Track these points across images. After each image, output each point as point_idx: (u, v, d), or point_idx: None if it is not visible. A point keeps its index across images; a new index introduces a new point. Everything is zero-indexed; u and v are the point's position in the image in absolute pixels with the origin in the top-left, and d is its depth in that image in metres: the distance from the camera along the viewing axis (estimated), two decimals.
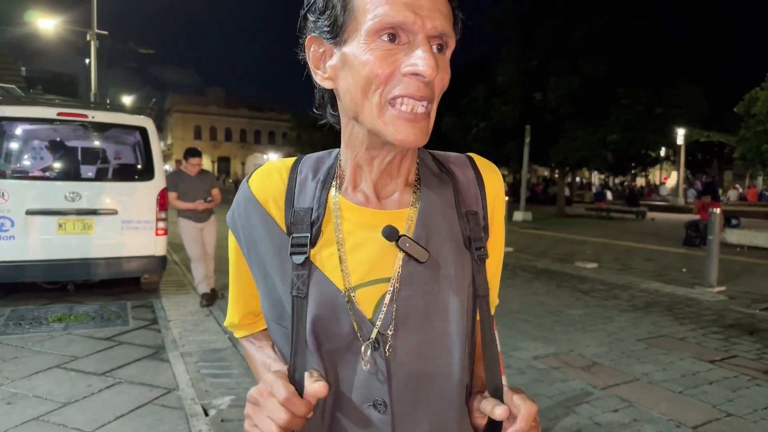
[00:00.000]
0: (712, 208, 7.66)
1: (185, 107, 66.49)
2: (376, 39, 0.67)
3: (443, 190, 0.80)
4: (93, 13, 16.13)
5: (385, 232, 0.72)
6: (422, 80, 0.67)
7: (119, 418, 3.14)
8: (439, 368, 0.75)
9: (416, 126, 0.69)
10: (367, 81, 0.68)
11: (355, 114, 0.72)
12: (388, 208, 0.78)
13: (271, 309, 0.79)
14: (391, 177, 0.78)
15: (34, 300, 5.69)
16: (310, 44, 0.75)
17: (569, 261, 9.78)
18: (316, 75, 0.76)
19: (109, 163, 6.99)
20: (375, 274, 0.75)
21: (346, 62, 0.70)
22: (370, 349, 0.73)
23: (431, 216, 0.77)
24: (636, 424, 3.31)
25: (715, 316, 6.06)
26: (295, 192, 0.79)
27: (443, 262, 0.76)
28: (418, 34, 0.67)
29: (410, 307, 0.74)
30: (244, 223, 0.80)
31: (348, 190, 0.79)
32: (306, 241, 0.74)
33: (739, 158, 15.94)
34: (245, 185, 0.82)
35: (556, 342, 4.92)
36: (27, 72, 19.23)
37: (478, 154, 0.89)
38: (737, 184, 37.83)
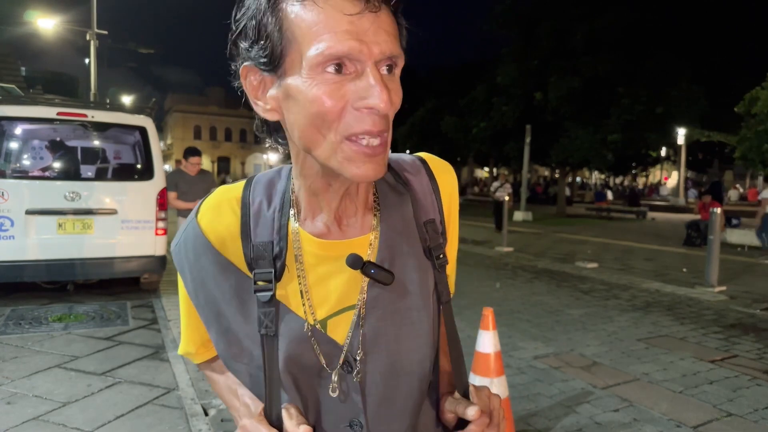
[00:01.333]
0: (713, 207, 7.65)
1: (185, 107, 66.50)
2: (322, 71, 0.61)
3: (402, 206, 0.79)
4: (93, 13, 16.14)
5: (349, 261, 0.71)
6: (377, 113, 0.62)
7: (119, 418, 3.14)
8: (411, 382, 0.76)
9: (375, 160, 0.65)
10: (317, 118, 0.63)
11: (307, 149, 0.67)
12: (350, 236, 0.75)
13: (227, 348, 0.77)
14: (350, 202, 0.75)
15: (34, 300, 5.69)
16: (246, 74, 0.69)
17: (570, 261, 9.77)
18: (257, 106, 0.70)
19: (109, 163, 6.98)
20: (344, 303, 0.74)
21: (290, 96, 0.64)
22: (339, 374, 0.73)
23: (393, 236, 0.76)
24: (636, 423, 3.31)
25: (716, 315, 6.05)
26: (251, 225, 0.75)
27: (408, 279, 0.76)
28: (366, 61, 0.61)
29: (379, 330, 0.74)
30: (193, 263, 0.77)
31: (307, 221, 0.75)
32: (270, 278, 0.72)
33: (740, 158, 15.92)
34: (194, 222, 0.77)
35: (557, 342, 4.92)
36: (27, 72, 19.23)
37: (427, 153, 0.88)
38: (738, 184, 37.82)
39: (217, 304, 0.76)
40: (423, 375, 0.77)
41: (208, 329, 0.79)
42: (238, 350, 0.76)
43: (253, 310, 0.73)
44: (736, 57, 25.68)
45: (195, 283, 0.77)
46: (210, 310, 0.77)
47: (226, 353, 0.77)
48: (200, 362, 0.89)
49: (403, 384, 0.76)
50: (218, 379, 0.86)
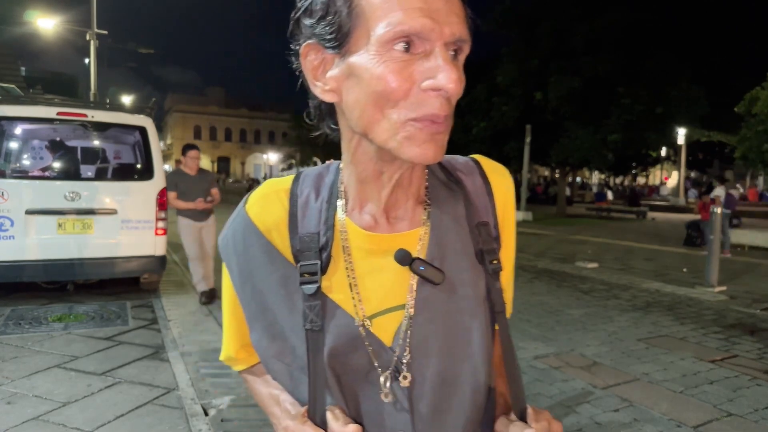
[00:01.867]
0: (713, 207, 7.65)
1: (185, 107, 66.53)
2: (390, 49, 0.60)
3: (454, 203, 0.76)
4: (93, 13, 16.14)
5: (398, 257, 0.69)
6: (445, 95, 0.61)
7: (119, 418, 3.13)
8: (464, 394, 0.72)
9: (436, 140, 0.63)
10: (381, 97, 0.61)
11: (364, 131, 0.64)
12: (399, 230, 0.72)
13: (269, 345, 0.74)
14: (400, 193, 0.72)
15: (33, 300, 5.69)
16: (307, 52, 0.67)
17: (570, 261, 9.77)
18: (315, 87, 0.68)
19: (109, 163, 6.98)
20: (391, 302, 0.71)
21: (354, 74, 0.62)
22: (390, 379, 0.69)
23: (444, 233, 0.73)
24: (636, 423, 3.31)
25: (716, 315, 6.05)
26: (298, 216, 0.73)
27: (459, 281, 0.72)
28: (436, 41, 0.60)
29: (429, 333, 0.70)
30: (242, 254, 0.75)
31: (355, 212, 0.73)
32: (316, 269, 0.69)
33: (740, 158, 15.92)
34: (243, 213, 0.75)
35: (557, 342, 4.92)
36: (27, 72, 19.22)
37: (481, 155, 0.84)
38: (738, 183, 37.81)
39: (263, 297, 0.73)
40: (476, 386, 0.72)
41: (252, 326, 0.75)
42: (281, 347, 0.73)
43: (299, 303, 0.70)
44: (736, 57, 25.70)
45: (243, 275, 0.75)
46: (256, 303, 0.74)
47: (269, 351, 0.74)
48: (242, 368, 0.85)
49: (454, 395, 0.71)
50: (259, 386, 0.82)
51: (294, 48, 0.70)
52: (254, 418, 3.19)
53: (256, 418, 3.20)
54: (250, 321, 0.76)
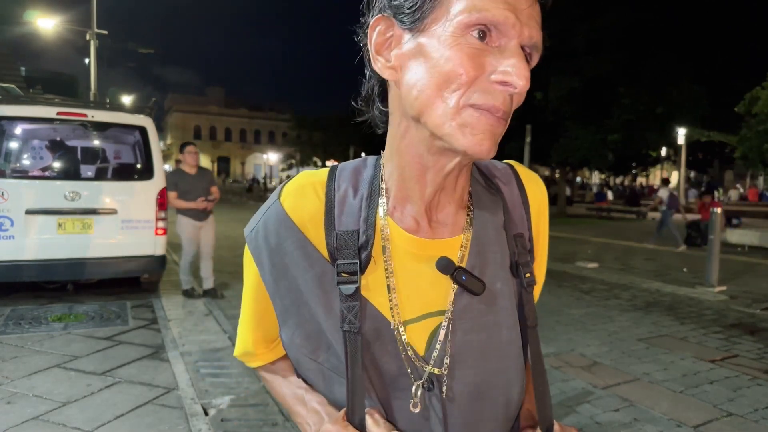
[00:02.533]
0: (713, 207, 7.65)
1: (185, 107, 66.56)
2: (466, 34, 0.58)
3: (494, 211, 0.74)
4: (93, 13, 16.15)
5: (440, 266, 0.67)
6: (511, 91, 0.60)
7: (119, 418, 3.13)
8: (496, 408, 0.70)
9: (491, 134, 0.61)
10: (446, 78, 0.59)
11: (419, 112, 0.62)
12: (441, 236, 0.70)
13: (303, 343, 0.71)
14: (444, 195, 0.70)
15: (33, 299, 5.68)
16: (377, 25, 0.65)
17: (570, 261, 9.77)
18: (377, 61, 0.65)
19: (109, 163, 6.97)
20: (427, 308, 0.69)
21: (422, 53, 0.61)
22: (423, 389, 0.67)
23: (485, 242, 0.71)
24: (637, 423, 3.30)
25: (716, 315, 6.05)
26: (335, 212, 0.70)
27: (498, 293, 0.71)
28: (513, 39, 0.59)
29: (465, 343, 0.68)
30: (275, 248, 0.71)
31: (396, 212, 0.70)
32: (355, 269, 0.67)
33: (740, 158, 15.94)
34: (278, 204, 0.72)
35: (557, 341, 4.91)
36: (27, 72, 19.24)
37: (516, 161, 0.83)
38: (738, 183, 37.81)
39: (299, 293, 0.70)
40: (509, 401, 0.71)
41: (284, 323, 0.72)
42: (315, 346, 0.70)
43: (335, 303, 0.68)
44: (737, 57, 25.70)
45: (276, 269, 0.71)
46: (291, 300, 0.71)
47: (304, 349, 0.71)
48: (258, 365, 0.82)
49: (487, 409, 0.69)
50: (281, 384, 0.79)
51: (364, 20, 0.68)
52: (254, 418, 3.19)
53: (256, 418, 3.20)
54: (282, 317, 0.73)
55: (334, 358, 0.69)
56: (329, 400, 0.72)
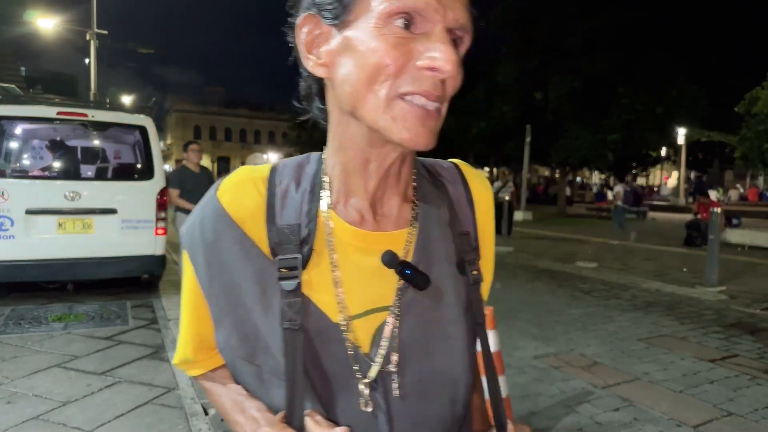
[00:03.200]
0: (713, 207, 7.66)
1: (185, 107, 66.56)
2: (389, 23, 0.58)
3: (440, 206, 0.73)
4: (93, 13, 16.15)
5: (385, 259, 0.65)
6: (439, 77, 0.59)
7: (119, 418, 3.13)
8: (443, 406, 0.69)
9: (427, 126, 0.60)
10: (374, 70, 0.58)
11: (353, 107, 0.62)
12: (385, 229, 0.69)
13: (239, 345, 0.67)
14: (388, 187, 0.69)
15: (33, 299, 5.68)
16: (304, 24, 0.64)
17: (570, 261, 9.77)
18: (308, 60, 0.65)
19: (109, 163, 6.97)
20: (372, 303, 0.67)
21: (349, 47, 0.60)
22: (369, 385, 0.65)
23: (430, 237, 0.70)
24: (637, 423, 3.30)
25: (716, 315, 6.05)
26: (277, 207, 0.68)
27: (444, 288, 0.70)
28: (438, 24, 0.58)
29: (411, 340, 0.67)
30: (211, 245, 0.68)
31: (339, 205, 0.69)
32: (296, 264, 0.64)
33: (740, 158, 15.93)
34: (215, 200, 0.69)
35: (557, 341, 4.91)
36: (27, 72, 19.25)
37: (461, 161, 0.82)
38: (738, 183, 37.81)
39: (235, 292, 0.67)
40: (455, 399, 0.70)
41: (219, 324, 0.69)
42: (253, 348, 0.67)
43: (274, 300, 0.65)
44: (736, 57, 25.71)
45: (211, 267, 0.68)
46: (226, 299, 0.68)
47: (240, 351, 0.68)
48: (200, 373, 0.77)
49: (433, 406, 0.68)
50: (220, 392, 0.75)
51: (292, 21, 0.67)
52: None
53: None
54: (217, 318, 0.69)
55: (272, 360, 0.66)
56: (268, 406, 0.68)
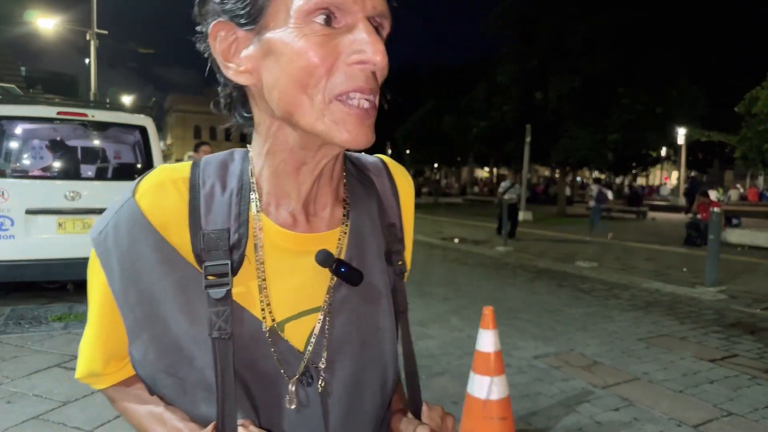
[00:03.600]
0: (713, 207, 7.66)
1: (185, 107, 66.57)
2: (310, 22, 0.56)
3: (369, 202, 0.74)
4: (93, 13, 16.15)
5: (320, 258, 0.64)
6: (371, 69, 0.58)
7: (118, 417, 3.13)
8: (375, 396, 0.70)
9: (366, 124, 0.59)
10: (303, 73, 0.57)
11: (287, 113, 0.60)
12: (318, 230, 0.68)
13: (159, 358, 0.64)
14: (321, 189, 0.68)
15: (33, 299, 5.69)
16: (216, 32, 0.61)
17: (570, 260, 9.77)
18: (228, 69, 0.62)
19: (109, 163, 6.97)
20: (306, 304, 0.67)
21: (272, 51, 0.58)
22: (303, 385, 0.65)
23: (362, 234, 0.71)
24: (637, 423, 3.31)
25: (716, 315, 6.05)
26: (201, 210, 0.64)
27: (376, 282, 0.70)
28: (358, 14, 0.57)
29: (345, 335, 0.67)
30: (126, 252, 0.63)
31: (270, 208, 0.67)
32: (226, 270, 0.62)
33: (740, 158, 15.92)
34: (132, 203, 0.64)
35: (557, 341, 4.92)
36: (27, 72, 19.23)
37: (385, 156, 0.84)
38: (738, 183, 37.82)
39: (154, 303, 0.63)
40: (385, 386, 0.72)
41: (136, 338, 0.65)
42: (174, 360, 0.63)
43: (201, 310, 0.62)
44: (736, 56, 25.70)
45: (126, 276, 0.63)
46: (143, 311, 0.63)
47: (160, 364, 0.64)
48: (107, 386, 0.73)
49: (367, 397, 0.69)
50: (134, 404, 0.70)
51: (201, 30, 0.64)
52: None
53: None
54: (132, 331, 0.65)
55: (196, 373, 0.63)
56: (193, 417, 0.66)
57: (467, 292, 6.96)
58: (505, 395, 2.76)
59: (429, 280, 7.63)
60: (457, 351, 4.56)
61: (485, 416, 2.72)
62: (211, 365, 0.61)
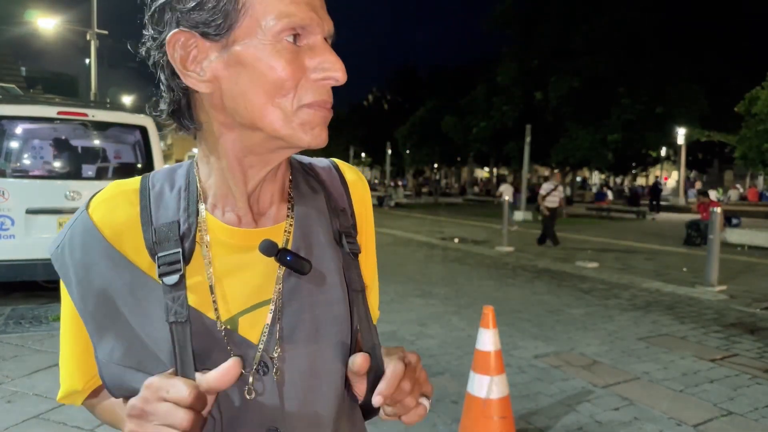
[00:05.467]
0: (713, 207, 7.66)
1: None
2: (281, 40, 0.61)
3: (316, 194, 0.77)
4: (93, 13, 16.15)
5: (263, 247, 0.65)
6: (333, 84, 0.65)
7: None
8: (333, 381, 0.71)
9: (325, 128, 0.66)
10: (274, 86, 0.61)
11: (252, 121, 0.63)
12: (263, 226, 0.71)
13: (126, 354, 0.66)
14: (266, 188, 0.72)
15: (34, 299, 5.69)
16: (176, 40, 0.62)
17: (570, 260, 9.77)
18: (187, 77, 0.63)
19: (110, 162, 6.97)
20: (257, 298, 0.69)
21: (240, 63, 0.62)
22: (259, 374, 0.66)
23: (309, 224, 0.73)
24: (637, 422, 3.31)
25: (716, 315, 6.05)
26: (152, 208, 0.68)
27: (326, 270, 0.72)
28: (318, 35, 0.64)
29: (298, 323, 0.69)
30: (79, 262, 0.67)
31: (216, 210, 0.70)
32: (177, 258, 0.64)
33: (740, 158, 15.94)
34: (85, 216, 0.68)
35: (557, 341, 4.92)
36: (27, 72, 19.25)
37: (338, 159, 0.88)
38: (738, 183, 37.83)
39: (111, 304, 0.66)
40: (344, 372, 0.72)
41: (101, 339, 0.67)
42: (141, 356, 0.65)
43: (154, 306, 0.64)
44: (736, 56, 25.68)
45: (82, 286, 0.67)
46: (102, 313, 0.66)
47: (127, 361, 0.66)
48: (85, 398, 0.75)
49: (324, 384, 0.70)
50: (108, 402, 0.73)
51: (153, 35, 0.65)
52: None
53: None
54: (98, 334, 0.67)
55: (163, 366, 0.64)
56: None
57: (467, 292, 6.96)
58: (505, 394, 2.77)
59: (429, 280, 7.63)
60: (457, 350, 4.57)
61: (485, 415, 2.73)
62: (172, 349, 0.63)
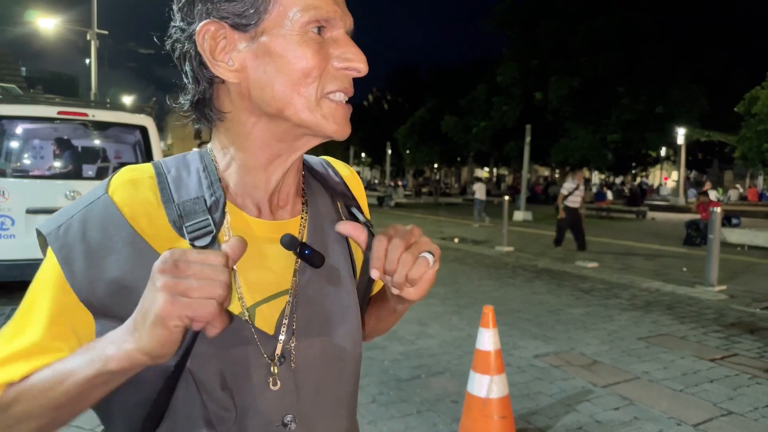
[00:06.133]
0: (713, 207, 7.67)
1: None
2: (308, 31, 0.65)
3: (322, 191, 0.82)
4: (93, 13, 16.16)
5: (285, 241, 0.68)
6: (356, 75, 0.69)
7: None
8: (346, 369, 0.75)
9: (347, 118, 0.70)
10: (301, 75, 0.64)
11: (279, 109, 0.65)
12: (281, 218, 0.74)
13: None
14: (286, 181, 0.74)
15: None
16: (206, 31, 0.64)
17: (570, 260, 9.78)
18: (217, 66, 0.65)
19: (110, 162, 6.98)
20: (274, 288, 0.71)
21: (269, 53, 0.64)
22: (276, 365, 0.68)
23: (321, 219, 0.78)
24: (637, 422, 3.31)
25: (716, 314, 6.05)
26: (171, 188, 0.68)
27: (337, 262, 0.76)
28: (341, 29, 0.68)
29: (312, 314, 0.72)
30: (97, 245, 0.63)
31: (237, 199, 0.71)
32: (208, 224, 0.64)
33: (740, 158, 15.94)
34: (105, 197, 0.65)
35: (557, 341, 4.92)
36: (27, 72, 19.26)
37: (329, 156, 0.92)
38: (738, 183, 37.84)
39: (126, 294, 0.61)
40: (356, 359, 0.76)
41: (109, 319, 0.63)
42: None
43: None
44: (736, 56, 25.69)
45: (93, 270, 0.62)
46: (115, 302, 0.62)
47: None
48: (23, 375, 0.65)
49: (336, 372, 0.74)
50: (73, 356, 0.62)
51: (182, 26, 0.67)
52: None
53: None
54: (103, 313, 0.63)
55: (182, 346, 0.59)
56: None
57: (467, 292, 6.96)
58: (504, 394, 2.77)
59: None
60: (457, 350, 4.57)
61: (485, 415, 2.73)
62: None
